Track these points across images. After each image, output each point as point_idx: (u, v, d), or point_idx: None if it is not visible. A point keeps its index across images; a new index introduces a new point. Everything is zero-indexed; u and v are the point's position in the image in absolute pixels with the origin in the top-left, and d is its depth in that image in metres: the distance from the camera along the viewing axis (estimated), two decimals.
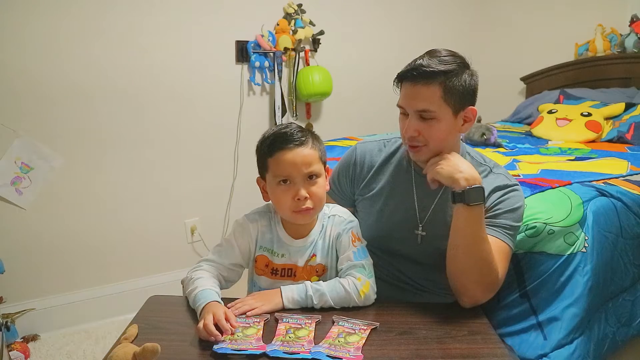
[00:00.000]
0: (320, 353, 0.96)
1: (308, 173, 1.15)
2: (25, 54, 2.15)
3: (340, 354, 0.96)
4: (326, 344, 1.00)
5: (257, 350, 0.97)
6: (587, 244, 1.34)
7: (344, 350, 0.98)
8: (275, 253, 1.22)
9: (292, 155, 1.14)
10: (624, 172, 1.82)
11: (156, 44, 2.45)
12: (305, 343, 1.00)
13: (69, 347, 2.19)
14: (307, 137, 1.18)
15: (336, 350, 0.98)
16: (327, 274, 1.24)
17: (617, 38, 2.99)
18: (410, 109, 1.21)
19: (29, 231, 2.25)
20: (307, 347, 0.98)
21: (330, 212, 1.26)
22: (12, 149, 2.15)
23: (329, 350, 0.97)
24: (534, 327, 1.30)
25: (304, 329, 1.05)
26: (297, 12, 2.83)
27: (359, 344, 1.01)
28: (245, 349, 0.98)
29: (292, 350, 0.97)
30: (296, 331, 1.04)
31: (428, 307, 1.19)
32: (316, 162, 1.17)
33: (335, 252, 1.24)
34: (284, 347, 0.99)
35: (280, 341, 1.01)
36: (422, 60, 1.19)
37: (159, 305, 1.22)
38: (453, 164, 1.18)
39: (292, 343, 1.00)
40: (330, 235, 1.24)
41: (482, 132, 2.38)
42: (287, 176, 1.15)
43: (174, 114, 2.55)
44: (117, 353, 0.92)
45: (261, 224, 1.24)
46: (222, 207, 2.78)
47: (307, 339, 1.02)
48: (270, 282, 1.22)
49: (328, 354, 0.96)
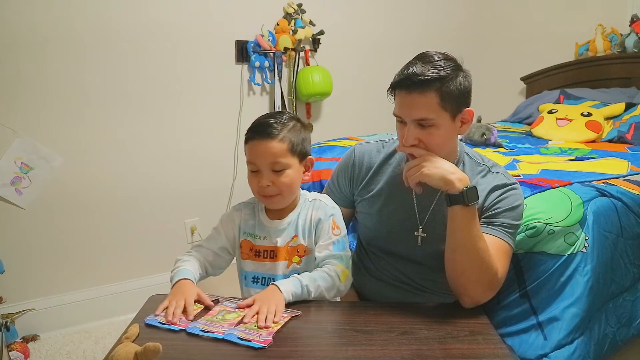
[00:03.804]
0: (233, 335, 1.02)
1: (272, 165, 1.21)
2: (24, 54, 2.14)
3: (251, 337, 1.01)
4: (243, 327, 1.05)
5: (220, 334, 1.02)
6: (588, 244, 1.34)
7: (256, 334, 1.02)
8: (257, 236, 1.29)
9: (258, 147, 1.21)
10: (624, 172, 1.82)
11: (156, 44, 2.45)
12: (226, 325, 1.05)
13: (69, 347, 2.19)
14: (281, 129, 1.21)
15: (248, 333, 1.02)
16: (308, 256, 1.27)
17: (618, 38, 2.99)
18: (408, 119, 1.19)
19: (29, 231, 2.24)
20: (225, 329, 1.04)
21: (311, 197, 1.32)
22: (12, 149, 2.15)
23: (241, 333, 1.02)
24: (534, 327, 1.30)
25: (234, 313, 1.11)
26: (297, 12, 2.83)
27: (273, 329, 1.05)
28: (212, 332, 1.03)
29: (210, 329, 1.03)
30: (226, 314, 1.10)
31: (429, 307, 1.19)
32: (283, 155, 1.21)
33: (314, 233, 1.28)
34: (205, 326, 1.04)
35: (205, 320, 1.07)
36: (415, 68, 1.16)
37: (160, 304, 1.22)
38: (439, 164, 1.17)
39: (216, 324, 1.06)
40: (311, 217, 1.27)
41: (482, 132, 2.38)
42: (254, 165, 1.23)
43: (174, 113, 2.55)
44: (118, 352, 0.92)
45: (244, 212, 1.32)
46: (222, 207, 2.78)
47: (231, 322, 1.07)
48: (255, 264, 1.28)
49: (240, 336, 1.01)
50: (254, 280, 1.28)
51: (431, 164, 1.17)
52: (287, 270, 1.25)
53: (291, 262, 1.26)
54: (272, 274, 1.26)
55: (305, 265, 1.27)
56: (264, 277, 1.27)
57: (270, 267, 1.27)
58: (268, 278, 1.26)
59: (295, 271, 1.25)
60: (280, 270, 1.25)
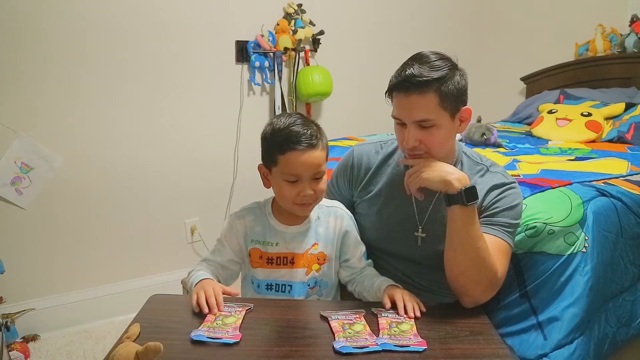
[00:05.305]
0: (202, 336, 1.02)
1: (315, 174, 1.18)
2: (25, 54, 2.14)
3: (405, 342, 1.02)
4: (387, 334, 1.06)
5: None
6: (587, 244, 1.34)
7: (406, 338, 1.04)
8: (267, 243, 1.25)
9: (303, 158, 1.16)
10: (624, 172, 1.82)
11: (156, 44, 2.45)
12: (230, 329, 1.05)
13: (69, 347, 2.19)
14: (318, 136, 1.20)
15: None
16: (328, 264, 1.27)
17: (617, 38, 2.99)
18: (408, 120, 1.19)
19: (29, 231, 2.24)
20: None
21: (325, 203, 1.32)
22: (12, 149, 2.15)
23: (208, 333, 1.03)
24: (534, 327, 1.30)
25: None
26: (297, 12, 2.83)
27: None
28: (220, 338, 1.02)
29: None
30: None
31: (429, 307, 1.19)
32: (324, 162, 1.21)
33: (340, 245, 1.29)
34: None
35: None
36: (412, 69, 1.16)
37: (160, 304, 1.22)
38: (438, 167, 1.17)
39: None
40: (334, 227, 1.28)
41: (482, 132, 2.38)
42: (296, 176, 1.18)
43: (174, 113, 2.55)
44: (119, 352, 0.92)
45: (248, 220, 1.28)
46: (222, 207, 2.78)
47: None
48: (267, 272, 1.25)
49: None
50: (268, 287, 1.27)
51: (429, 168, 1.18)
52: (306, 278, 1.25)
53: (310, 270, 1.25)
54: (289, 281, 1.25)
55: (323, 274, 1.27)
56: (278, 284, 1.26)
57: (285, 273, 1.25)
58: (284, 285, 1.25)
59: (314, 279, 1.25)
60: (298, 277, 1.25)
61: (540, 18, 3.41)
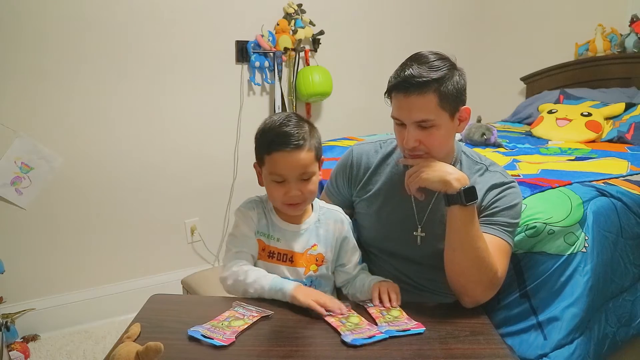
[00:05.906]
0: (197, 332, 1.03)
1: (301, 175, 1.18)
2: (25, 54, 2.14)
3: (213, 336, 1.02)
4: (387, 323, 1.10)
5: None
6: (587, 244, 1.34)
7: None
8: (270, 237, 1.26)
9: (288, 159, 1.17)
10: (624, 172, 1.82)
11: (156, 44, 2.45)
12: (229, 332, 1.04)
13: (69, 347, 2.19)
14: (306, 137, 1.19)
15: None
16: (325, 265, 1.28)
17: (617, 38, 2.99)
18: (408, 121, 1.20)
19: (29, 231, 2.24)
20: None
21: (325, 205, 1.33)
22: (12, 149, 2.15)
23: (205, 331, 1.04)
24: (534, 327, 1.30)
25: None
26: (297, 12, 2.83)
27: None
28: (212, 338, 1.01)
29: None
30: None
31: (429, 307, 1.19)
32: (311, 163, 1.20)
33: (339, 248, 1.30)
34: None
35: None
36: (411, 70, 1.16)
37: (161, 304, 1.22)
38: (437, 167, 1.18)
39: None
40: (334, 231, 1.29)
41: (482, 132, 2.38)
42: (282, 176, 1.18)
43: (174, 113, 2.55)
44: (120, 352, 0.92)
45: (256, 211, 1.28)
46: (222, 207, 2.78)
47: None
48: (268, 265, 1.25)
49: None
50: None
51: (429, 168, 1.18)
52: (304, 277, 1.25)
53: (309, 270, 1.25)
54: (287, 278, 1.24)
55: (320, 274, 1.27)
56: None
57: (284, 270, 1.24)
58: None
59: (311, 278, 1.26)
60: (296, 275, 1.24)
61: (540, 18, 3.41)
